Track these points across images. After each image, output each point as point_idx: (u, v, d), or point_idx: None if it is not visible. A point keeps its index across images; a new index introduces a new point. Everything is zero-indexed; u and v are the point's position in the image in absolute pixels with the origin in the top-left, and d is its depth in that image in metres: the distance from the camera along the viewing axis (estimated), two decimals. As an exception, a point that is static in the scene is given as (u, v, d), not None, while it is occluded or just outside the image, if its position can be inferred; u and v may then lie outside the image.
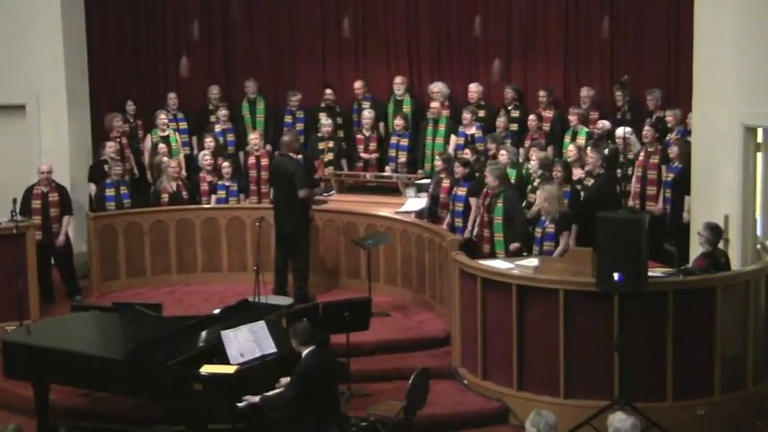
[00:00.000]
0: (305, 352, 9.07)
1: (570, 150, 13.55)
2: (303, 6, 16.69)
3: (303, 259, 13.19)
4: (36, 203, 13.46)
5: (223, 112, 15.85)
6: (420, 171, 15.05)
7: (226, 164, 14.70)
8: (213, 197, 14.55)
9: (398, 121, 15.33)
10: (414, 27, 16.32)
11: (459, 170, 13.21)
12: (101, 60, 16.18)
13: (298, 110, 16.08)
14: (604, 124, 14.23)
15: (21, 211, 12.96)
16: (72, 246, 13.87)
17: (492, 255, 12.32)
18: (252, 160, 14.96)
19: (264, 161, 14.84)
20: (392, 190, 14.74)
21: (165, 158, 14.79)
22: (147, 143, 15.64)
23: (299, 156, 14.04)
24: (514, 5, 15.71)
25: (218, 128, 15.73)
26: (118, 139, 15.20)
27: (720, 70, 11.90)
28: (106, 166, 14.54)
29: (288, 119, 16.05)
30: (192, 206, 14.43)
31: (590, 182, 13.01)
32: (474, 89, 15.47)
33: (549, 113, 15.02)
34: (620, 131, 13.26)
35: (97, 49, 16.10)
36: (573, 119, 14.51)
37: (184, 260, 14.32)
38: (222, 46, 16.92)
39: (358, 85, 16.07)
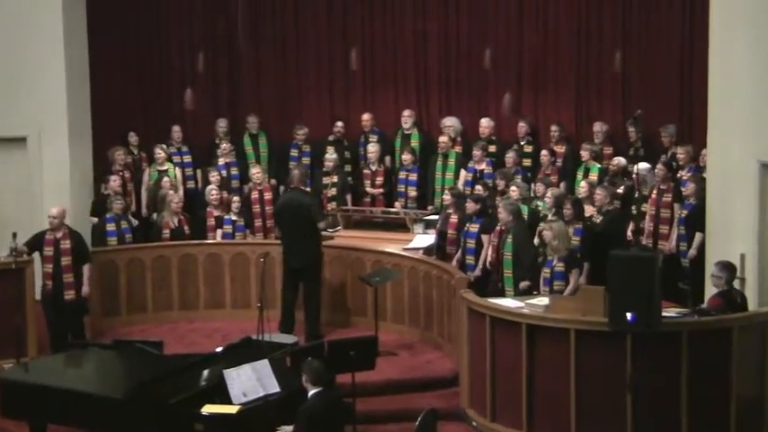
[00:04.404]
0: (311, 392, 8.96)
1: (582, 187, 13.47)
2: (310, 39, 16.64)
3: (316, 293, 13.07)
4: (48, 250, 12.62)
5: (224, 146, 15.68)
6: (430, 207, 14.93)
7: (236, 198, 14.55)
8: (219, 231, 14.37)
9: (406, 156, 15.23)
10: (422, 60, 16.24)
11: (471, 206, 13.06)
12: (104, 93, 16.04)
13: (304, 144, 15.95)
14: (620, 161, 14.10)
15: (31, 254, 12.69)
16: (85, 300, 12.90)
17: (502, 292, 12.18)
18: (255, 195, 14.85)
19: (268, 195, 14.78)
20: (400, 226, 14.59)
21: (171, 191, 14.59)
22: (146, 177, 15.49)
23: (308, 189, 13.92)
24: (525, 39, 15.62)
25: (221, 161, 15.58)
26: (120, 173, 14.99)
27: (735, 106, 11.77)
28: (109, 201, 14.34)
29: (294, 153, 15.95)
30: (195, 241, 14.28)
31: (599, 219, 12.89)
32: (485, 124, 15.36)
33: (560, 149, 14.87)
34: (637, 167, 13.09)
35: (100, 81, 15.96)
36: (585, 154, 14.34)
37: (187, 296, 14.14)
38: (228, 78, 16.87)
39: (366, 117, 15.95)
